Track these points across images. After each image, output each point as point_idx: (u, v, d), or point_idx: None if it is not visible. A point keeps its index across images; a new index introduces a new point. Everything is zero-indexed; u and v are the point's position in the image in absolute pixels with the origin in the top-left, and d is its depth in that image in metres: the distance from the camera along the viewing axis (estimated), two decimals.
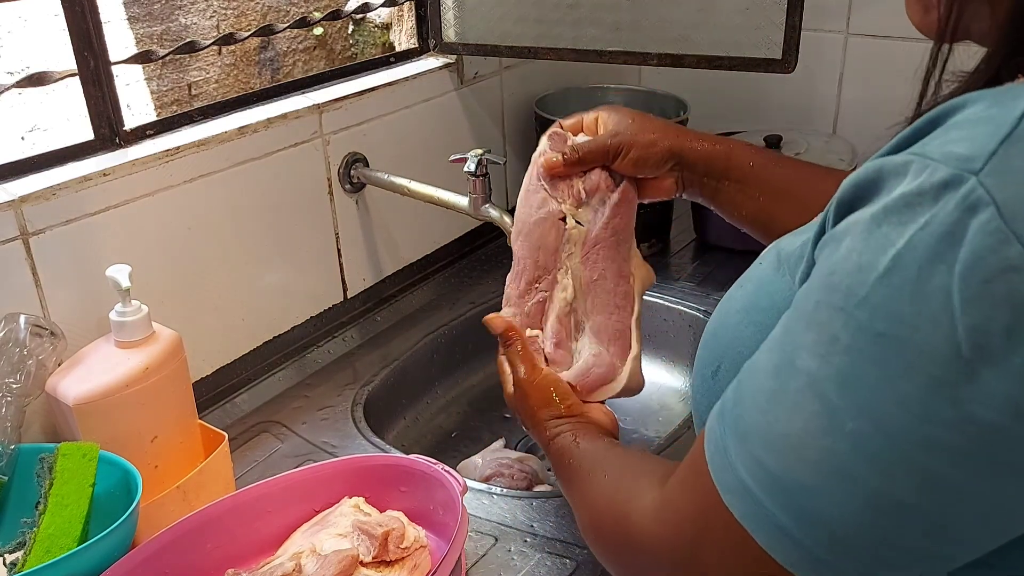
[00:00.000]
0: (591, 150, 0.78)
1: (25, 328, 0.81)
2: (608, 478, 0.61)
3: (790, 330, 0.42)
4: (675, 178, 0.80)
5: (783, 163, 0.81)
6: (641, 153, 0.77)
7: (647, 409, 1.21)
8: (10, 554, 0.74)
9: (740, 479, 0.43)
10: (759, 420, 0.42)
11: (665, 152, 0.78)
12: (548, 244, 0.79)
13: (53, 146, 0.92)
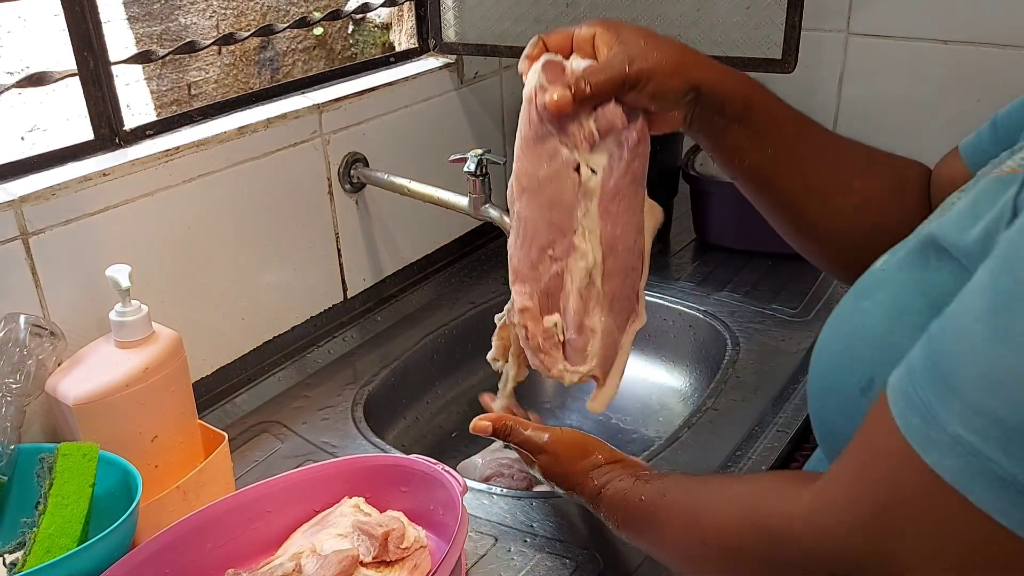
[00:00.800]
0: (605, 81, 0.65)
1: (25, 328, 0.81)
2: (725, 499, 0.56)
3: (1007, 268, 0.41)
4: (686, 113, 0.70)
5: (802, 122, 0.74)
6: (662, 85, 0.66)
7: (647, 409, 1.21)
8: (10, 554, 0.74)
9: (951, 434, 0.40)
10: (976, 364, 0.40)
11: (688, 85, 0.68)
12: (564, 201, 0.67)
13: (53, 146, 0.92)
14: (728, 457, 0.93)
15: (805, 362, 1.09)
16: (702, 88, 0.69)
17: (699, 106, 0.70)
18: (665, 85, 0.67)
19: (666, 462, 0.93)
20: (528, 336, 0.70)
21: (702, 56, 0.70)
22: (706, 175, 1.36)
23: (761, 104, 0.71)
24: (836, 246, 0.79)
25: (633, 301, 0.71)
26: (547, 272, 0.68)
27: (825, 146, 0.75)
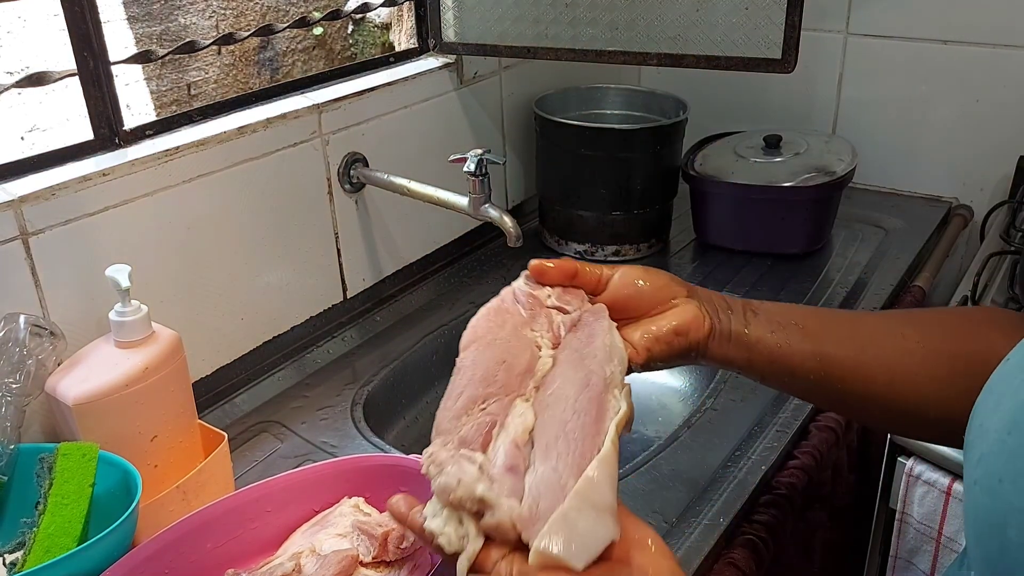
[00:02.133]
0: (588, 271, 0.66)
1: (25, 328, 0.81)
2: None
3: None
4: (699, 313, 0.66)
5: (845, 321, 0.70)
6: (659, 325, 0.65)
7: (647, 409, 1.21)
8: (10, 554, 0.74)
9: None
10: None
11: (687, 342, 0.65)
12: (518, 364, 0.59)
13: (53, 146, 0.92)
14: (728, 457, 0.93)
15: None
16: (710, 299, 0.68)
17: (711, 306, 0.67)
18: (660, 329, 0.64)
19: (666, 462, 0.93)
20: (432, 459, 0.54)
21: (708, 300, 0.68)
22: (706, 175, 1.36)
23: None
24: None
25: (593, 448, 0.53)
26: (473, 422, 0.55)
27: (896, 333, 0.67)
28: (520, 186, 1.50)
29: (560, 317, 0.63)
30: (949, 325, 0.67)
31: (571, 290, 0.65)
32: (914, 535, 1.01)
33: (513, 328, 0.62)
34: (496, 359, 0.59)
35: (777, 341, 0.65)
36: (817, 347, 0.65)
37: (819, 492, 0.99)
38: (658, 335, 0.63)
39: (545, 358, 0.60)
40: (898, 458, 1.01)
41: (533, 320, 0.63)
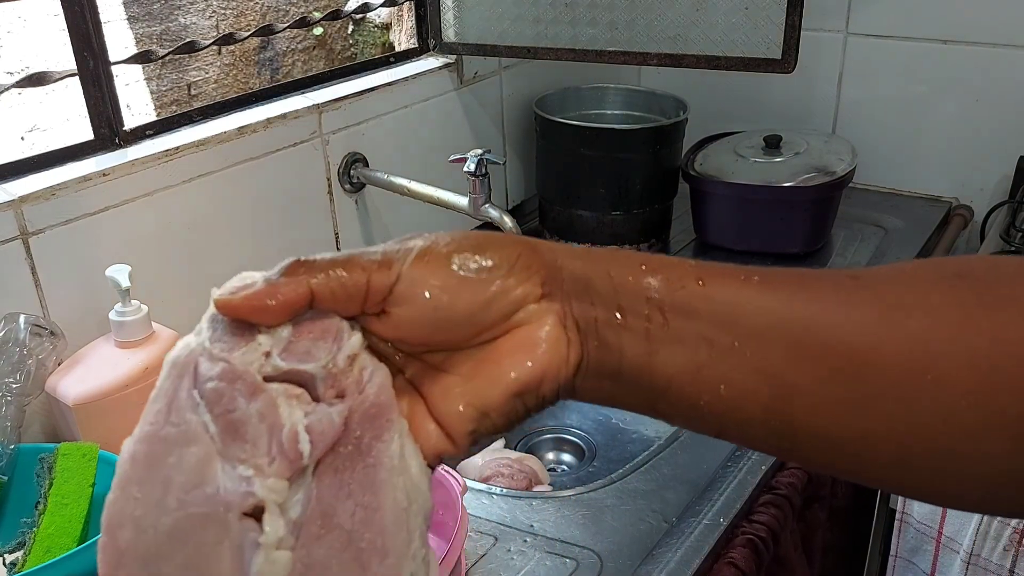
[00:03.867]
0: (327, 283, 0.34)
1: (25, 328, 0.81)
2: None
3: None
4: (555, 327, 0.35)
5: (782, 282, 0.37)
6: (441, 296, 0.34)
7: None
8: (10, 554, 0.74)
9: None
10: None
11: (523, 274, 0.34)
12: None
13: (53, 146, 0.92)
14: (728, 457, 0.93)
15: None
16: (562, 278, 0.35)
17: (575, 304, 0.35)
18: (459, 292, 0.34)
19: (666, 462, 0.93)
20: None
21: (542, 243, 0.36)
22: (706, 175, 1.36)
23: (685, 276, 0.35)
24: None
25: None
26: None
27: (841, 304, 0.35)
28: (520, 186, 1.50)
29: (298, 414, 0.31)
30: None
31: (316, 322, 0.33)
32: (914, 535, 1.01)
33: (188, 487, 0.31)
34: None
35: (710, 376, 0.34)
36: (785, 392, 0.34)
37: (819, 492, 0.99)
38: (488, 405, 0.34)
39: (269, 553, 0.30)
40: None
41: (235, 439, 0.31)
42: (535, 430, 1.19)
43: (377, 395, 0.32)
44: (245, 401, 0.31)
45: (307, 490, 0.31)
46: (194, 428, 0.31)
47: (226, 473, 0.30)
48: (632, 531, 0.83)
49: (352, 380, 0.32)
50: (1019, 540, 0.90)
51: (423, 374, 0.35)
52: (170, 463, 0.31)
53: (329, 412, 0.31)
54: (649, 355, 0.34)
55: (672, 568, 0.78)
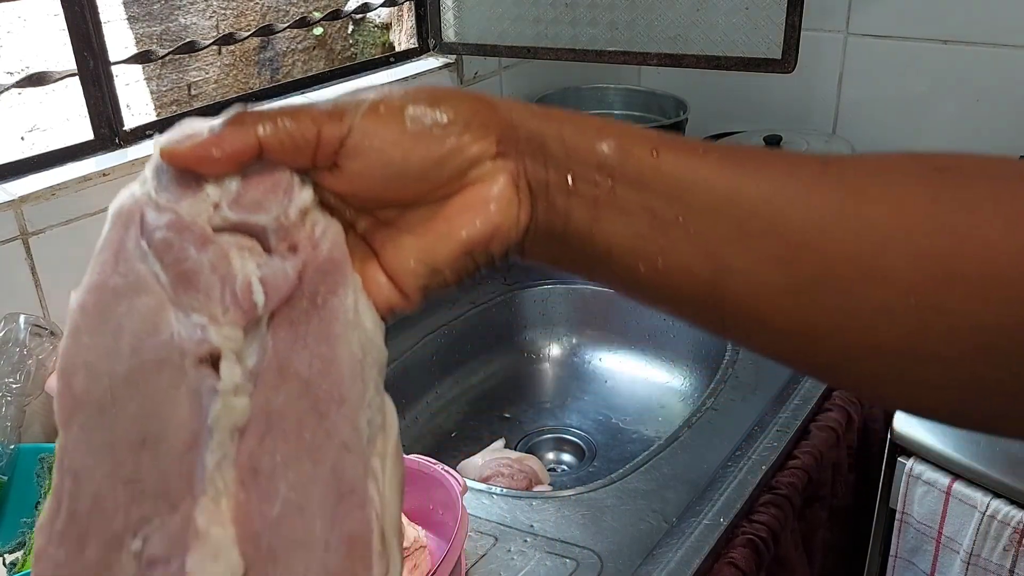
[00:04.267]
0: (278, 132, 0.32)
1: (25, 328, 0.81)
2: None
3: None
4: (507, 183, 0.34)
5: (729, 156, 0.34)
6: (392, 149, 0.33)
7: (647, 409, 1.21)
8: (10, 554, 0.74)
9: None
10: None
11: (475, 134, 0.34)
12: (172, 435, 0.30)
13: (53, 146, 0.92)
14: (728, 456, 0.93)
15: None
16: (513, 136, 0.34)
17: (527, 163, 0.35)
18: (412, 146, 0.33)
19: (666, 462, 0.93)
20: None
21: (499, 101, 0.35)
22: None
23: (638, 147, 0.34)
24: None
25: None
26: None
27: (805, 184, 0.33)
28: None
29: (250, 265, 0.31)
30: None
31: (265, 175, 0.31)
32: (914, 535, 1.01)
33: (140, 334, 0.30)
34: (126, 436, 0.30)
35: (648, 248, 0.33)
36: (719, 266, 0.33)
37: (819, 492, 0.99)
38: (439, 262, 0.35)
39: (227, 399, 0.30)
40: (898, 458, 1.01)
41: (187, 289, 0.30)
42: (535, 430, 1.20)
43: (331, 250, 0.32)
44: (196, 251, 0.30)
45: (262, 341, 0.31)
46: (144, 277, 0.30)
47: (180, 321, 0.30)
48: (632, 531, 0.83)
49: (304, 235, 0.31)
50: (1019, 540, 0.91)
51: (375, 229, 0.35)
52: (120, 312, 0.30)
53: (283, 265, 0.31)
54: (592, 221, 0.34)
55: (672, 568, 0.78)
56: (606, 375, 1.27)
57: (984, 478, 0.93)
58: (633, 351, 1.27)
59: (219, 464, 0.30)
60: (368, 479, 0.30)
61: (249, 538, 0.30)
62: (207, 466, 0.30)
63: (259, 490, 0.30)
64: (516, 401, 1.25)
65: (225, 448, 0.30)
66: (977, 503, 0.93)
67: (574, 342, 1.31)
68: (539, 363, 1.31)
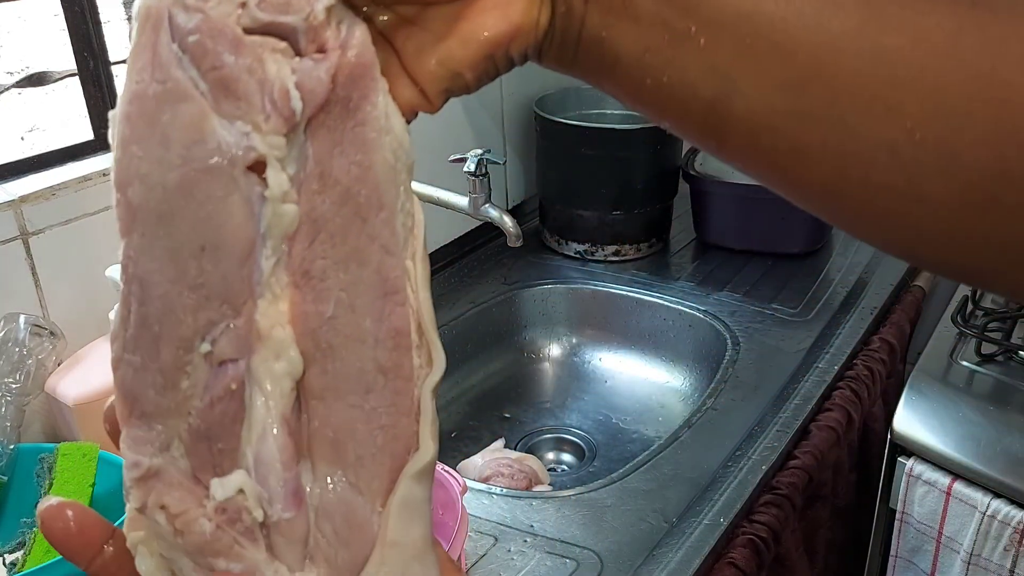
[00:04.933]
0: None
1: (25, 328, 0.81)
2: None
3: None
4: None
5: None
6: None
7: (647, 409, 1.21)
8: (10, 554, 0.74)
9: None
10: None
11: None
12: (231, 240, 0.31)
13: (53, 146, 0.92)
14: (729, 456, 0.93)
15: (805, 362, 1.09)
16: None
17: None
18: None
19: (666, 462, 0.93)
20: (178, 528, 0.34)
21: None
22: (706, 175, 1.36)
23: None
24: None
25: (404, 421, 0.32)
26: (197, 394, 0.32)
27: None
28: (520, 186, 1.50)
29: (285, 70, 0.30)
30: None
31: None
32: (914, 535, 1.01)
33: (189, 142, 0.30)
34: (187, 243, 0.31)
35: (656, 61, 0.33)
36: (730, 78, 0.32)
37: (820, 492, 0.99)
38: (461, 64, 0.35)
39: (276, 207, 0.31)
40: (899, 458, 1.01)
41: (227, 96, 0.30)
42: (535, 430, 1.20)
43: (360, 53, 0.32)
44: (231, 56, 0.30)
45: (301, 148, 0.31)
46: (183, 85, 0.30)
47: (224, 128, 0.30)
48: (633, 531, 0.83)
49: (332, 34, 0.31)
50: (1019, 540, 0.91)
51: (395, 27, 0.34)
52: (164, 120, 0.30)
53: (316, 69, 0.31)
54: (604, 28, 0.33)
55: (673, 568, 0.78)
56: (606, 375, 1.27)
57: (984, 478, 0.93)
58: (633, 351, 1.27)
59: (274, 269, 0.32)
60: (405, 279, 0.33)
61: (308, 335, 0.32)
62: (264, 271, 0.31)
63: (313, 291, 0.32)
64: (516, 401, 1.25)
65: (279, 253, 0.32)
66: (977, 503, 0.93)
67: (574, 342, 1.31)
68: (539, 363, 1.31)
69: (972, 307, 1.14)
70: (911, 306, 1.26)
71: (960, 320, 1.11)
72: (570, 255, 1.38)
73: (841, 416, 1.01)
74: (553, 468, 1.15)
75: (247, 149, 0.30)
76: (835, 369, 1.06)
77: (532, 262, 1.37)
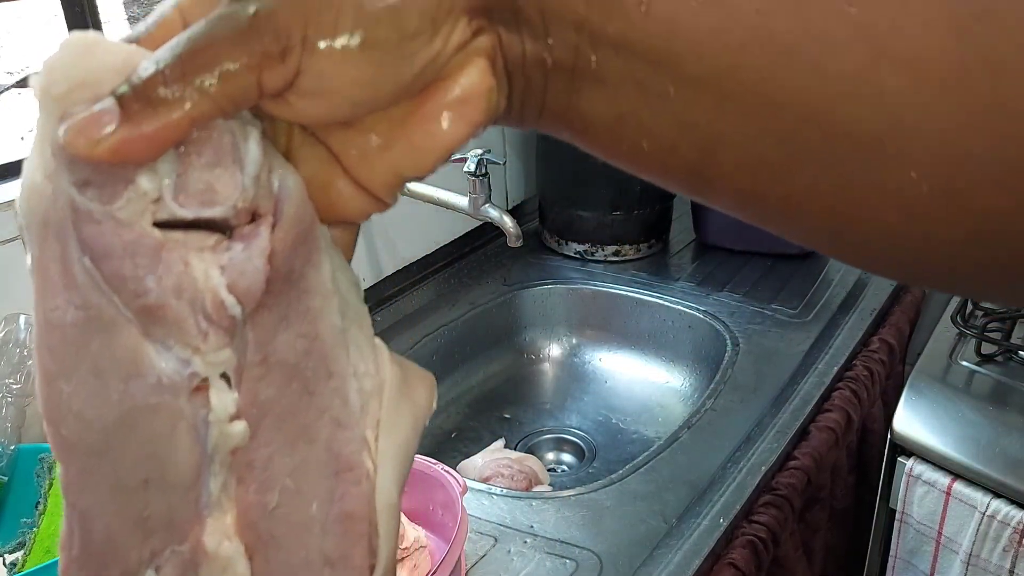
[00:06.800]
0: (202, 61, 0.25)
1: (25, 328, 0.81)
2: None
3: None
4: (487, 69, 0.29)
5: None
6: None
7: (646, 409, 1.21)
8: (10, 554, 0.74)
9: None
10: None
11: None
12: (175, 465, 0.28)
13: None
14: (728, 458, 0.93)
15: (804, 363, 1.09)
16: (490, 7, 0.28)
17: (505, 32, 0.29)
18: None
19: (666, 463, 0.93)
20: None
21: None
22: None
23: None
24: None
25: None
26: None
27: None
28: (520, 186, 1.50)
29: (214, 274, 0.27)
30: None
31: (203, 141, 0.27)
32: (914, 535, 1.01)
33: (124, 375, 0.27)
34: (128, 479, 0.28)
35: (631, 126, 0.30)
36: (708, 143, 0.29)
37: (819, 493, 0.99)
38: (416, 171, 0.30)
39: (223, 427, 0.28)
40: (898, 458, 1.01)
41: (156, 324, 0.27)
42: (535, 430, 1.20)
43: (298, 218, 0.28)
44: (152, 278, 0.26)
45: (241, 336, 0.28)
46: (107, 312, 0.27)
47: (161, 356, 0.27)
48: (632, 532, 0.83)
49: (264, 194, 0.27)
50: (1019, 540, 0.91)
51: (327, 128, 0.29)
52: (93, 351, 0.27)
53: (249, 257, 0.27)
54: (569, 94, 0.29)
55: (672, 569, 0.78)
56: (606, 375, 1.27)
57: (984, 478, 0.93)
58: (633, 351, 1.27)
59: (224, 485, 0.29)
60: (363, 453, 0.30)
61: (249, 527, 0.30)
62: (212, 491, 0.29)
63: (256, 482, 0.29)
64: (516, 401, 1.25)
65: (226, 466, 0.29)
66: (977, 503, 0.93)
67: (574, 342, 1.31)
68: (539, 363, 1.31)
69: (972, 307, 1.14)
70: (910, 307, 1.26)
71: (959, 320, 1.11)
72: (570, 255, 1.38)
73: (840, 417, 1.01)
74: (553, 469, 1.15)
75: (190, 376, 0.27)
76: (834, 370, 1.06)
77: (532, 262, 1.37)
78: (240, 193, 0.26)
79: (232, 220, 0.27)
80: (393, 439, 0.30)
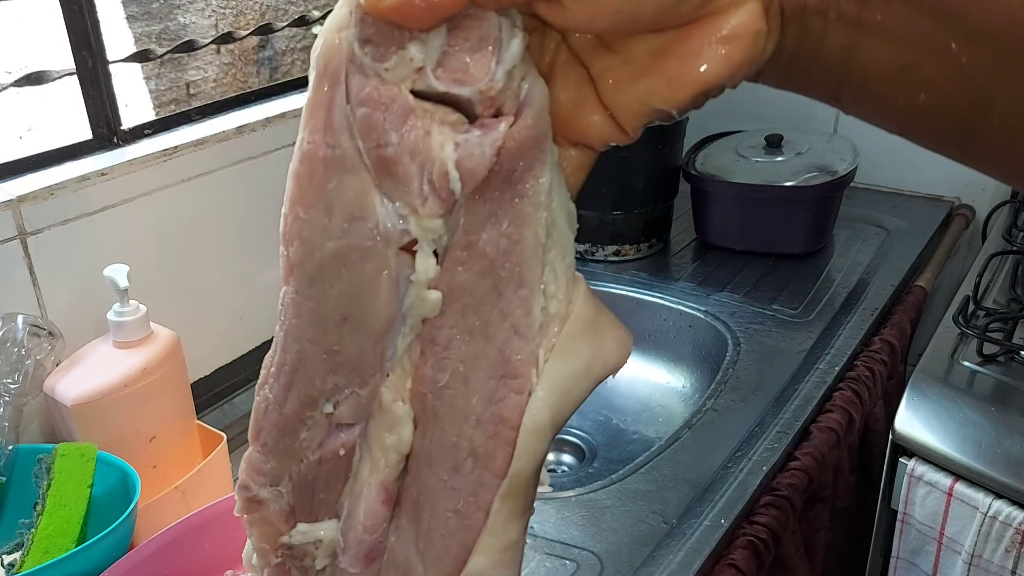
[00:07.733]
0: None
1: (23, 328, 0.81)
2: None
3: None
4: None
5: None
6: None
7: (647, 409, 1.21)
8: (8, 555, 0.73)
9: None
10: None
11: None
12: (372, 316, 0.32)
13: (51, 146, 0.92)
14: (729, 458, 0.93)
15: (806, 363, 1.08)
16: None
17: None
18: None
19: (666, 462, 0.93)
20: (256, 550, 0.36)
21: None
22: (707, 175, 1.36)
23: None
24: None
25: (478, 516, 0.32)
26: (311, 447, 0.34)
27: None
28: None
29: (448, 148, 0.29)
30: None
31: (472, 26, 0.29)
32: (916, 536, 1.01)
33: (349, 216, 0.31)
34: (331, 311, 0.32)
35: (912, 79, 0.29)
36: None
37: (820, 493, 0.99)
38: (668, 104, 0.30)
39: (421, 291, 0.31)
40: (900, 459, 1.01)
41: (388, 176, 0.30)
42: None
43: (534, 123, 0.30)
44: (396, 134, 0.29)
45: (455, 217, 0.31)
46: (351, 155, 0.30)
47: (384, 206, 0.30)
48: (632, 532, 0.83)
49: (510, 94, 0.29)
50: (1021, 541, 0.90)
51: (590, 50, 0.30)
52: (330, 189, 0.30)
53: (481, 144, 0.29)
54: (851, 47, 0.29)
55: (673, 570, 0.78)
56: None
57: (986, 479, 0.93)
58: (634, 351, 1.26)
59: (409, 346, 0.32)
60: (530, 368, 0.31)
61: (419, 397, 0.33)
62: (398, 348, 0.32)
63: (434, 357, 0.32)
64: None
65: (416, 331, 0.32)
66: (979, 504, 0.93)
67: None
68: None
69: (974, 307, 1.13)
70: (912, 307, 1.25)
71: (961, 320, 1.11)
72: None
73: (842, 417, 1.00)
74: (553, 469, 1.14)
75: (402, 232, 0.30)
76: (836, 370, 1.06)
77: None
78: (491, 80, 0.29)
79: (478, 107, 0.29)
80: (560, 369, 0.32)
